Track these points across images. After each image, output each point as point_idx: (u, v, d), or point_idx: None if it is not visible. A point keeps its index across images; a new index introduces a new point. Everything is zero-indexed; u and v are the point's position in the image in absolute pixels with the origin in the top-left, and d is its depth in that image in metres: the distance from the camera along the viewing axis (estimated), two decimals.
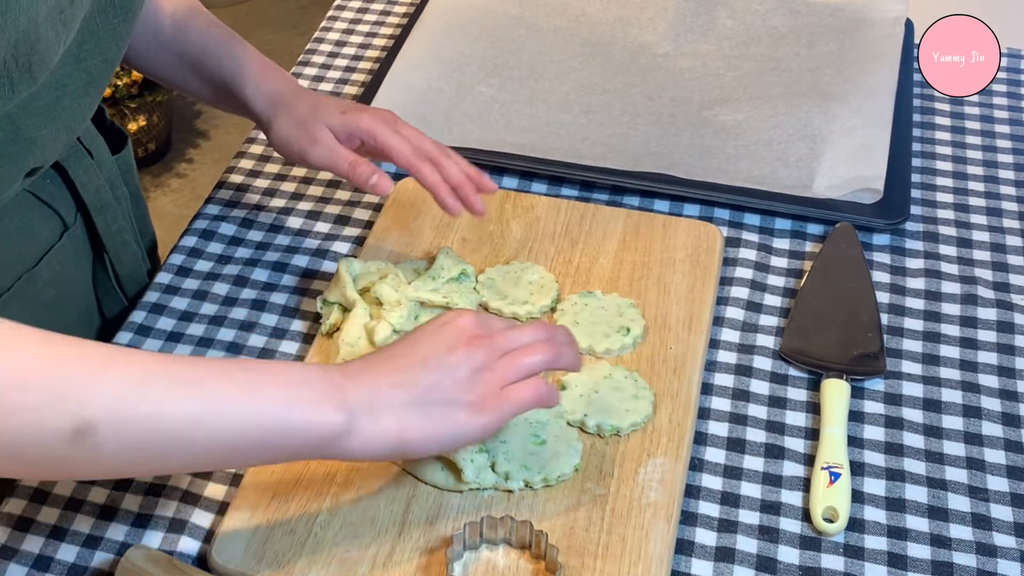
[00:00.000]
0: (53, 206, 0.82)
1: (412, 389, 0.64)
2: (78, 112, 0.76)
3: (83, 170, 0.84)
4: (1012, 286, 0.89)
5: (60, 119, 0.73)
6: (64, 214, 0.83)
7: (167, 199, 2.41)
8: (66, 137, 0.77)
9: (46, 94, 0.70)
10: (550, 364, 0.68)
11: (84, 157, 0.84)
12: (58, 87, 0.71)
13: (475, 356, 0.66)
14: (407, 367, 0.65)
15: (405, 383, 0.64)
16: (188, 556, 0.73)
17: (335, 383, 0.63)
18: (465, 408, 0.65)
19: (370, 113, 0.84)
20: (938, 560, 0.71)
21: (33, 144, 0.72)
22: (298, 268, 0.92)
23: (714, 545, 0.72)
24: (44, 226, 0.81)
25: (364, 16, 1.22)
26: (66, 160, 0.82)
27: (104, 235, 0.88)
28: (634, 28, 1.14)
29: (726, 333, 0.85)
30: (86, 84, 0.74)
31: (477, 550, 0.71)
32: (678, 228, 0.92)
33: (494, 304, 0.86)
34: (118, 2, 0.73)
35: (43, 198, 0.81)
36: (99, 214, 0.86)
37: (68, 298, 0.85)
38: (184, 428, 0.58)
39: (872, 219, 0.92)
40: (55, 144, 0.75)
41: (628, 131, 1.02)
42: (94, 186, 0.85)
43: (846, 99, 1.02)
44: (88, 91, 0.75)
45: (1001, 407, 0.80)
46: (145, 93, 2.28)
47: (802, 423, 0.79)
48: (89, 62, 0.73)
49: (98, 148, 0.87)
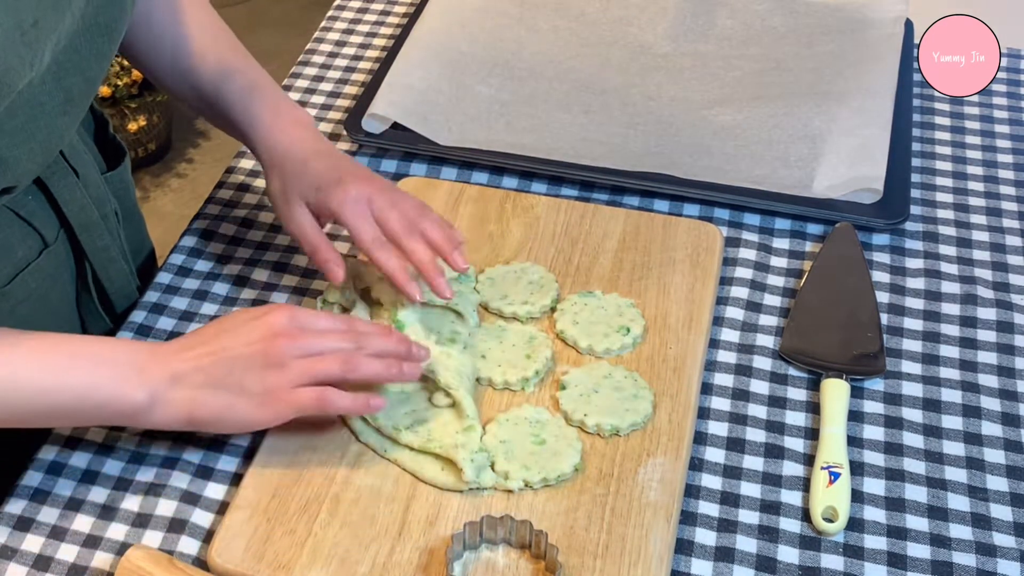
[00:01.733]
0: (33, 223, 0.80)
1: (209, 374, 0.71)
2: (55, 131, 0.74)
3: (67, 188, 0.82)
4: (1012, 286, 0.89)
5: (35, 139, 0.72)
6: (44, 232, 0.81)
7: (167, 199, 2.41)
8: (42, 157, 0.75)
9: (21, 113, 0.69)
10: (344, 374, 0.72)
11: (68, 175, 0.82)
12: (34, 106, 0.70)
13: (270, 353, 0.71)
14: (210, 353, 0.72)
15: (204, 367, 0.71)
16: (188, 556, 0.73)
17: (139, 364, 0.71)
18: (250, 398, 0.71)
19: (346, 190, 0.80)
20: (938, 560, 0.71)
21: (5, 164, 0.70)
22: (298, 268, 0.92)
23: (714, 545, 0.72)
24: (22, 244, 0.79)
25: (364, 16, 1.22)
26: (49, 178, 0.80)
27: (89, 252, 0.86)
28: (634, 28, 1.14)
29: (726, 333, 0.85)
30: (64, 103, 0.73)
31: (477, 550, 0.71)
32: (678, 228, 0.92)
33: (494, 304, 0.86)
34: (103, 23, 0.73)
35: (22, 215, 0.79)
36: (83, 231, 0.85)
37: (44, 315, 0.83)
38: None
39: (872, 219, 0.92)
40: (29, 164, 0.73)
41: (628, 131, 1.02)
42: (78, 204, 0.83)
43: (846, 99, 1.02)
44: (66, 110, 0.74)
45: (1001, 407, 0.80)
46: (145, 93, 2.28)
47: (802, 423, 0.79)
48: (68, 81, 0.72)
49: (85, 165, 0.85)
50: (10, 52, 0.62)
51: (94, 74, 0.75)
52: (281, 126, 0.85)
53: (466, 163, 1.01)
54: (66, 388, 0.70)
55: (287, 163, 0.83)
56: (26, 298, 0.80)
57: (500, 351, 0.82)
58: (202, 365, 0.71)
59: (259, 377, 0.71)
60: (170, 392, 0.71)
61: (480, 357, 0.82)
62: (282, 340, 0.72)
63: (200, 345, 0.73)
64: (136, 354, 0.72)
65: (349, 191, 0.80)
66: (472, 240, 0.92)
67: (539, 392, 0.80)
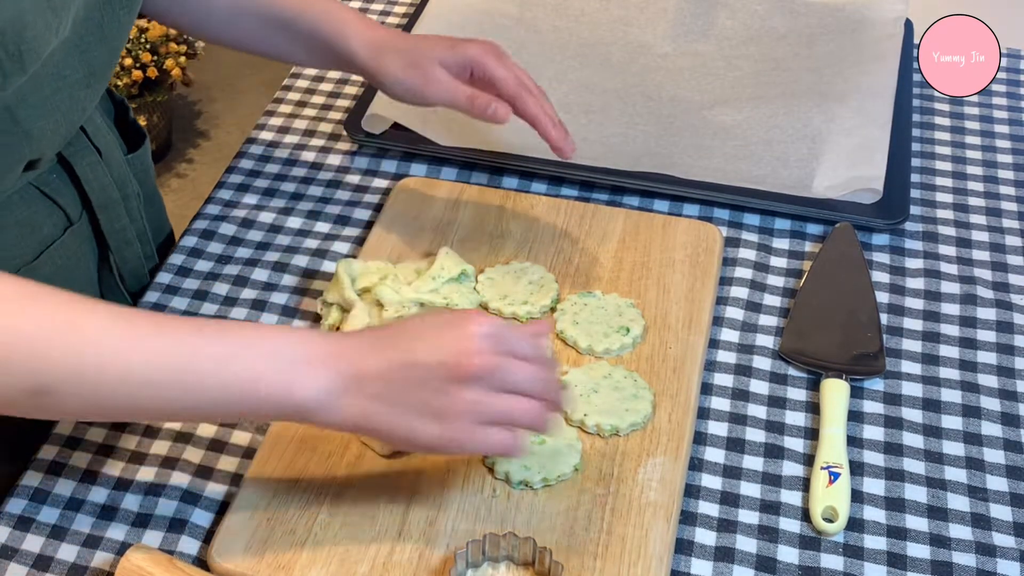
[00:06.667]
0: (57, 201, 0.82)
1: (391, 384, 0.63)
2: (77, 104, 0.75)
3: (89, 167, 0.84)
4: (1012, 286, 0.89)
5: (59, 111, 0.73)
6: (69, 210, 0.83)
7: (167, 199, 2.39)
8: (65, 130, 0.76)
9: (45, 85, 0.70)
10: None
11: (92, 154, 0.84)
12: (58, 78, 0.71)
13: (464, 372, 0.63)
14: (398, 360, 0.64)
15: (387, 376, 0.63)
16: (188, 556, 0.73)
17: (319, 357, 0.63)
18: (432, 422, 0.64)
19: (478, 44, 0.85)
20: (938, 560, 0.71)
21: (30, 136, 0.72)
22: (298, 268, 0.92)
23: (714, 545, 0.72)
24: (47, 220, 0.81)
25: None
26: (72, 156, 0.82)
27: (107, 232, 0.88)
28: (634, 28, 1.14)
29: (726, 333, 0.85)
30: (87, 76, 0.74)
31: (479, 568, 0.70)
32: (678, 228, 0.92)
33: (494, 304, 0.86)
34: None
35: (47, 192, 0.81)
36: (102, 211, 0.86)
37: None
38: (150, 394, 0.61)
39: (872, 219, 0.92)
40: (53, 137, 0.75)
41: (628, 131, 1.02)
42: (100, 184, 0.85)
43: (846, 99, 1.02)
44: (89, 83, 0.75)
45: (1001, 407, 0.80)
46: (145, 93, 2.28)
47: (802, 423, 0.79)
48: (91, 53, 0.73)
49: (108, 146, 0.87)
50: (37, 16, 0.63)
51: (115, 45, 0.76)
52: (373, 23, 0.88)
53: (466, 163, 1.01)
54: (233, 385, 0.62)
55: (401, 41, 0.86)
56: (51, 275, 0.82)
57: None
58: (382, 372, 0.63)
59: (444, 395, 0.63)
60: (344, 397, 0.63)
61: None
62: (479, 361, 0.63)
63: (388, 347, 0.64)
64: (312, 343, 0.64)
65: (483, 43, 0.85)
66: (472, 240, 0.92)
67: None
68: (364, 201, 0.99)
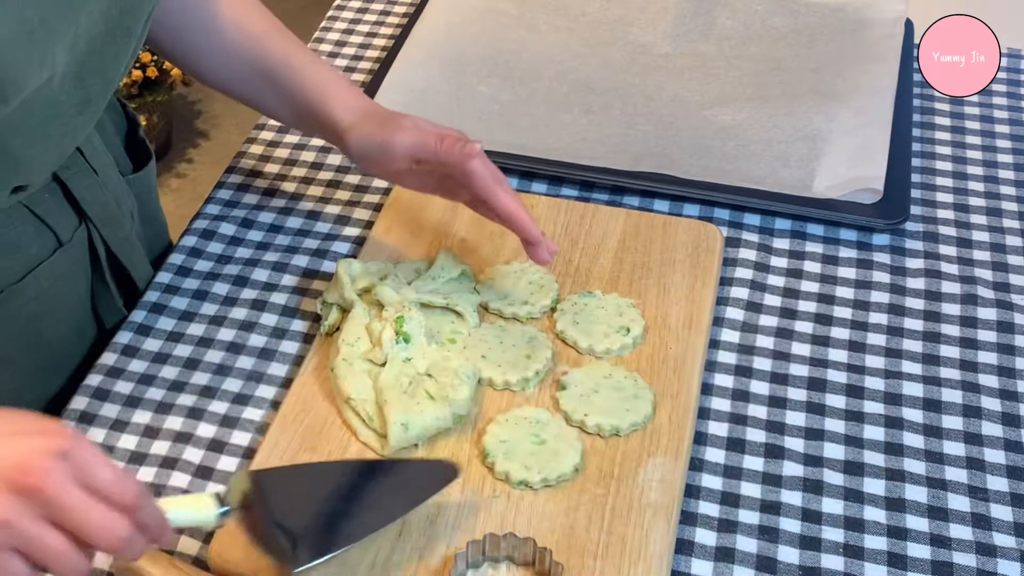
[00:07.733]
0: (47, 222, 0.80)
1: None
2: (69, 132, 0.74)
3: (87, 188, 0.82)
4: (1012, 286, 0.89)
5: (51, 138, 0.72)
6: (59, 231, 0.81)
7: (167, 199, 2.40)
8: (56, 156, 0.75)
9: (38, 112, 0.69)
10: None
11: (88, 175, 0.82)
12: (52, 106, 0.70)
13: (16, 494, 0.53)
14: None
15: None
16: (188, 556, 0.73)
17: None
18: None
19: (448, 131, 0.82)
20: (938, 560, 0.71)
21: (19, 163, 0.70)
22: (298, 268, 0.92)
23: (714, 545, 0.72)
24: (35, 241, 0.79)
25: (364, 16, 1.22)
26: (69, 177, 0.80)
27: (111, 243, 0.86)
28: (634, 28, 1.14)
29: (726, 333, 0.85)
30: (82, 104, 0.73)
31: (480, 568, 0.70)
32: (678, 228, 0.92)
33: (494, 304, 0.86)
34: (126, 25, 0.73)
35: (38, 213, 0.79)
36: (105, 226, 0.85)
37: (55, 314, 0.83)
38: None
39: (872, 219, 0.92)
40: (43, 163, 0.73)
41: (628, 131, 1.02)
42: (98, 200, 0.84)
43: (846, 99, 1.02)
44: (83, 111, 0.74)
45: (1001, 407, 0.80)
46: (145, 93, 2.28)
47: (802, 423, 0.79)
48: (88, 82, 0.72)
49: (104, 167, 0.85)
50: (16, 49, 0.62)
51: (112, 75, 0.75)
52: (359, 92, 0.87)
53: None
54: None
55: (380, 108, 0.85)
56: (36, 296, 0.80)
57: (500, 351, 0.82)
58: None
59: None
60: None
61: (480, 357, 0.81)
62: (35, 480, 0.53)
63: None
64: None
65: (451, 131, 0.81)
66: (472, 240, 0.92)
67: (539, 392, 0.80)
68: (364, 201, 0.99)
